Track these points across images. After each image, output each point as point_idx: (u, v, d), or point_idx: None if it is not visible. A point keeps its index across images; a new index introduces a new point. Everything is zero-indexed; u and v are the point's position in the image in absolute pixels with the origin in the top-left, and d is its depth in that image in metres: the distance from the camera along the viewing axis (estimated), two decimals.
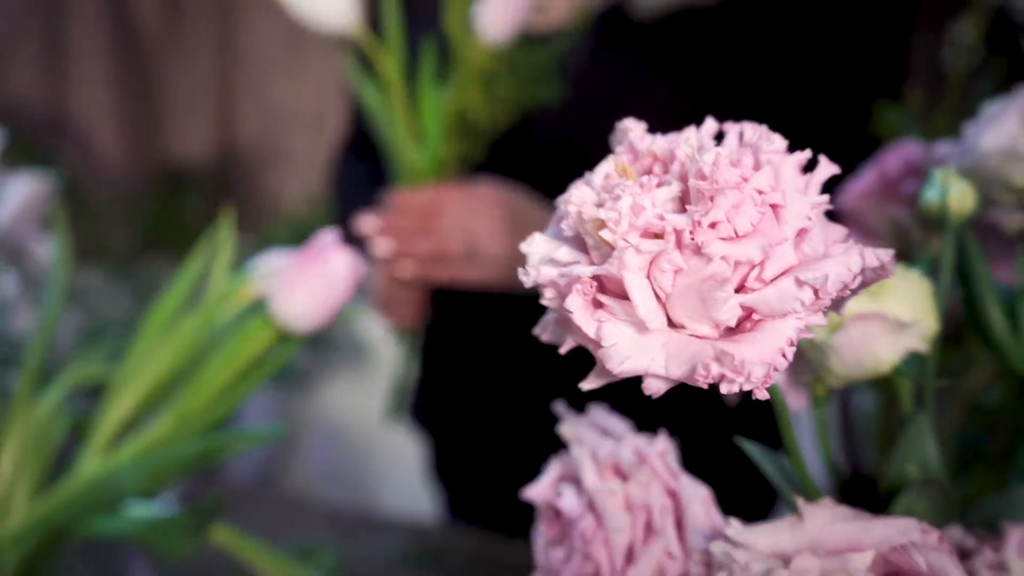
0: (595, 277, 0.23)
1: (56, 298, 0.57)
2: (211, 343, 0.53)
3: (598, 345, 0.23)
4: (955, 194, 0.31)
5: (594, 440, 0.30)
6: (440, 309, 0.82)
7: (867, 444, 0.58)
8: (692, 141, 0.25)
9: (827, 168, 0.24)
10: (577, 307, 0.23)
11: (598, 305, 0.23)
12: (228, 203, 2.27)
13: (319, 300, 0.41)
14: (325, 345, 2.13)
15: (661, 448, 0.29)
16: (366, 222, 0.68)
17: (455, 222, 0.64)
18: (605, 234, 0.22)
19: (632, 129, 0.26)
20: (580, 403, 0.78)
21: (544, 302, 0.24)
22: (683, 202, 0.24)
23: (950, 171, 0.31)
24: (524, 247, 0.25)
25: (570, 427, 0.31)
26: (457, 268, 0.66)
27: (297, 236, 2.02)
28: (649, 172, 0.25)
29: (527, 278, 0.24)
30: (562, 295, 0.23)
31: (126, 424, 0.53)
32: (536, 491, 0.31)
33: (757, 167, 0.23)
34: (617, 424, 0.31)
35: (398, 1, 0.61)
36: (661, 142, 0.25)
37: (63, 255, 0.59)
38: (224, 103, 2.23)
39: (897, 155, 0.41)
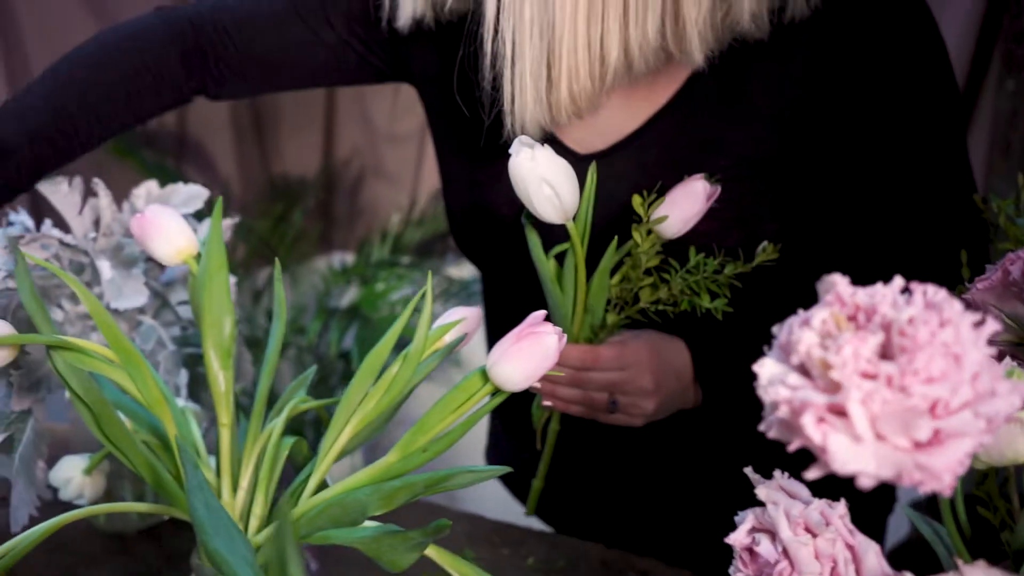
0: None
1: (278, 338, 0.68)
2: (413, 386, 0.63)
3: (823, 450, 0.32)
4: None
5: (786, 502, 0.39)
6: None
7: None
8: (889, 298, 0.34)
9: (992, 326, 0.33)
10: (809, 423, 0.32)
11: (821, 419, 0.33)
12: (330, 220, 2.41)
13: (531, 368, 0.51)
14: None
15: (841, 511, 0.38)
16: None
17: (603, 380, 0.72)
18: (833, 374, 0.32)
19: (839, 283, 0.35)
20: (663, 439, 0.86)
21: (777, 414, 0.34)
22: (885, 347, 0.33)
23: None
24: (756, 368, 0.35)
25: (764, 490, 0.40)
26: (598, 415, 0.75)
27: (394, 252, 2.14)
28: (854, 318, 0.34)
29: (765, 396, 0.34)
30: (795, 412, 0.33)
31: (343, 451, 0.64)
32: (735, 538, 0.40)
33: (942, 324, 0.32)
34: (800, 488, 0.41)
35: (591, 195, 0.68)
36: (863, 295, 0.35)
37: (281, 298, 0.70)
38: (329, 123, 2.37)
39: (1020, 260, 0.49)
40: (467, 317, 0.67)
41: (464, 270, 2.22)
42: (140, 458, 0.58)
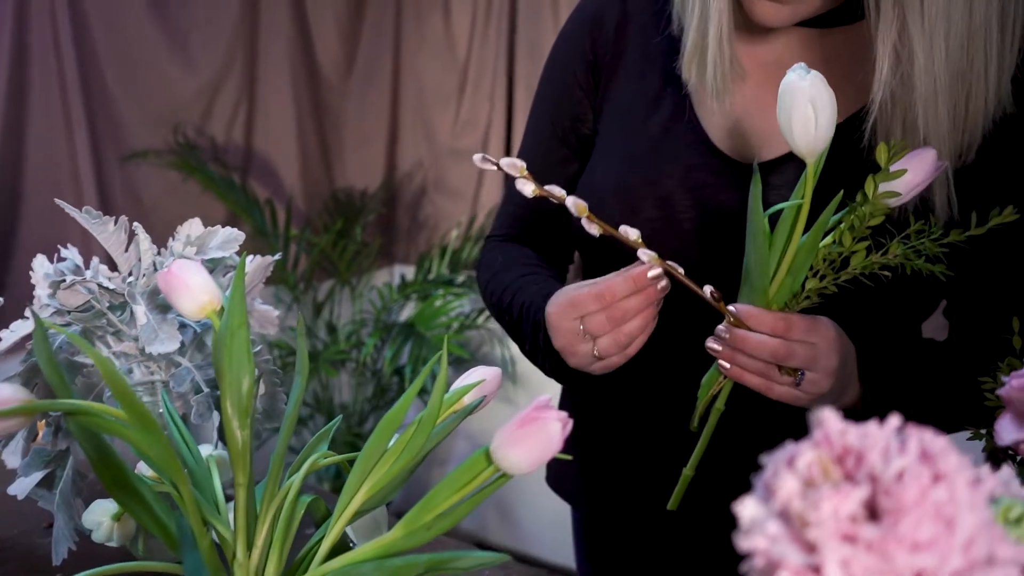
0: None
1: (296, 399, 0.69)
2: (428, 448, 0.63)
3: None
4: None
5: None
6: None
7: None
8: (879, 445, 0.31)
9: (992, 482, 0.30)
10: None
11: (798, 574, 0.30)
12: (391, 233, 2.43)
13: (534, 455, 0.50)
14: (478, 363, 2.25)
15: None
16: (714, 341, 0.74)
17: (795, 352, 0.71)
18: (810, 532, 0.30)
19: (829, 420, 0.33)
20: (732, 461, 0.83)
21: (755, 561, 0.32)
22: (872, 503, 0.31)
23: None
24: (738, 508, 0.33)
25: None
26: (773, 388, 0.73)
27: (452, 268, 2.15)
28: (843, 461, 0.32)
29: (742, 542, 0.31)
30: (771, 565, 0.31)
31: (357, 512, 0.63)
32: None
33: (936, 479, 0.30)
34: None
35: (819, 168, 0.68)
36: (854, 436, 0.32)
37: (304, 356, 0.70)
38: (392, 137, 2.39)
39: None
40: (486, 378, 0.67)
41: None
42: (155, 520, 0.59)
